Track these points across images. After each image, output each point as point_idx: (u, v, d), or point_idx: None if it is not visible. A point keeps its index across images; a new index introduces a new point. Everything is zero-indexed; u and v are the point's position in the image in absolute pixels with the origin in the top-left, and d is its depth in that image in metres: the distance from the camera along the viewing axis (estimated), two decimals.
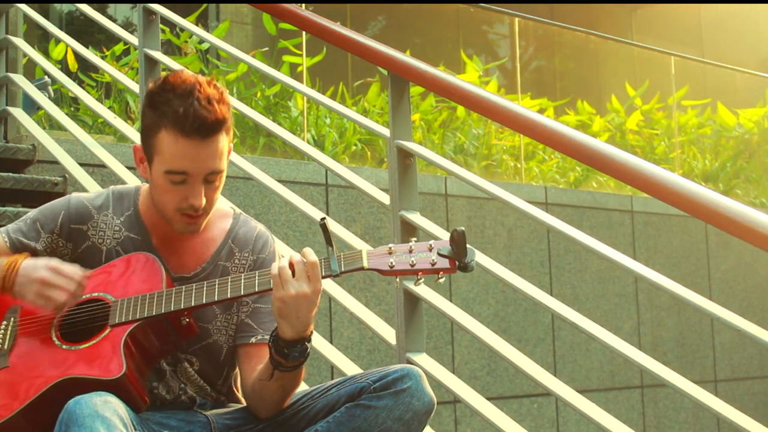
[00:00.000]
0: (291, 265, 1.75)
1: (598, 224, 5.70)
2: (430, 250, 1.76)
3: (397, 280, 1.85)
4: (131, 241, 1.95)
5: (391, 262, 1.76)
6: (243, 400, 2.01)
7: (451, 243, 1.74)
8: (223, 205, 2.07)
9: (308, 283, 1.74)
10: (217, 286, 1.82)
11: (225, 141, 1.86)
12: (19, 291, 1.84)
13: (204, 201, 1.86)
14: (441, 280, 1.77)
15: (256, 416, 1.92)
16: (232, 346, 1.98)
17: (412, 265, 1.75)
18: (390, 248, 1.78)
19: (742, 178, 7.70)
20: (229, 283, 1.82)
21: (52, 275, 1.83)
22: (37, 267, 1.84)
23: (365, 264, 1.77)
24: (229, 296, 1.81)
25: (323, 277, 1.77)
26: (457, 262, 1.74)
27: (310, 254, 1.76)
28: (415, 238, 1.83)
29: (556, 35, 8.97)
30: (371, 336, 4.44)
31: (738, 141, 8.03)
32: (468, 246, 1.74)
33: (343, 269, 1.77)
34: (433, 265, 1.75)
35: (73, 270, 1.85)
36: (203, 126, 1.81)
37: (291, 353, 1.78)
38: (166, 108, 1.81)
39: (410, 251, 1.77)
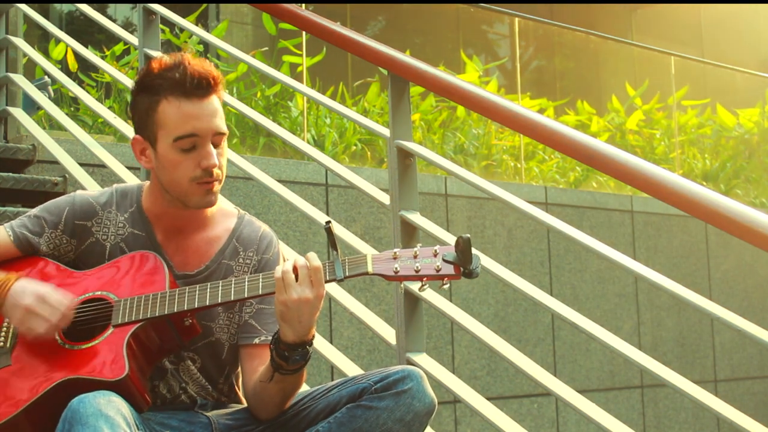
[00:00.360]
0: (294, 269, 1.75)
1: (598, 224, 5.70)
2: (435, 256, 1.75)
3: (401, 285, 1.84)
4: (135, 237, 1.95)
5: (396, 268, 1.76)
6: (244, 401, 2.01)
7: (457, 249, 1.73)
8: (227, 205, 2.07)
9: (311, 288, 1.74)
10: (220, 288, 1.82)
11: (220, 104, 1.91)
12: (6, 312, 1.84)
13: (217, 161, 1.87)
14: (445, 286, 1.77)
15: (256, 417, 1.92)
16: (234, 344, 1.98)
17: (417, 271, 1.75)
18: (395, 253, 1.77)
19: (742, 178, 7.70)
20: (233, 286, 1.82)
21: (37, 304, 1.81)
22: (25, 292, 1.83)
23: (370, 269, 1.77)
24: (232, 298, 1.81)
25: (327, 281, 1.77)
26: (462, 269, 1.73)
27: (314, 259, 1.76)
28: (420, 243, 1.82)
29: (556, 35, 8.97)
30: (371, 336, 4.44)
31: (738, 141, 8.03)
32: (474, 252, 1.74)
33: (347, 274, 1.77)
34: (437, 271, 1.74)
35: (60, 300, 1.83)
36: (202, 83, 1.85)
37: (292, 356, 1.78)
38: (160, 81, 1.86)
39: (415, 257, 1.76)
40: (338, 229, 2.86)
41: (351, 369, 2.66)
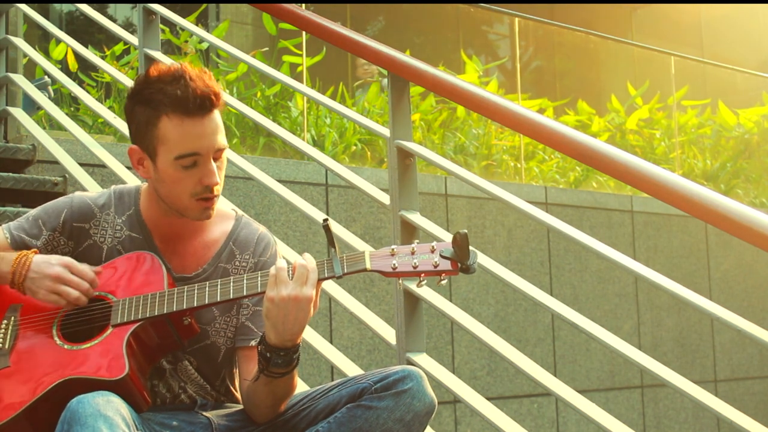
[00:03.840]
0: (292, 268, 1.75)
1: (598, 224, 5.70)
2: (433, 252, 1.76)
3: (400, 281, 1.84)
4: (133, 240, 1.95)
5: (394, 264, 1.76)
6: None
7: (454, 245, 1.74)
8: (224, 206, 2.07)
9: (302, 287, 1.73)
10: (219, 286, 1.82)
11: (219, 117, 1.89)
12: (29, 287, 1.84)
13: (219, 179, 1.87)
14: (443, 282, 1.77)
15: (252, 420, 1.91)
16: (231, 348, 1.98)
17: (415, 267, 1.75)
18: (392, 250, 1.78)
19: (742, 178, 7.70)
20: (232, 284, 1.81)
21: (65, 271, 1.83)
22: (50, 263, 1.84)
23: (368, 265, 1.77)
24: (231, 296, 1.81)
25: (326, 279, 1.77)
26: (459, 264, 1.74)
27: (310, 260, 1.77)
28: (417, 240, 1.83)
29: (556, 35, 8.97)
30: (371, 336, 4.44)
31: (738, 141, 8.03)
32: (471, 248, 1.74)
33: (345, 271, 1.77)
34: (435, 267, 1.75)
35: (86, 268, 1.86)
36: (204, 102, 1.82)
37: (273, 359, 1.77)
38: (161, 96, 1.82)
39: (412, 253, 1.76)
40: (338, 230, 2.86)
41: (351, 369, 2.66)
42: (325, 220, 1.78)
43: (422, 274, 1.76)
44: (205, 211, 1.89)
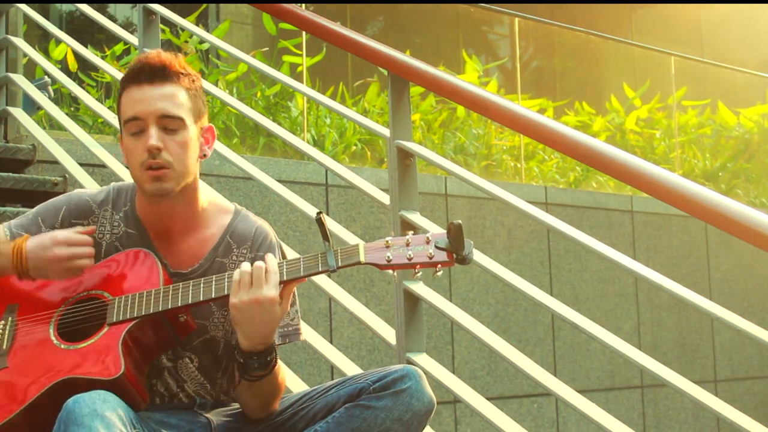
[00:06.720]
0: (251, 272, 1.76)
1: (598, 224, 5.70)
2: (428, 243, 1.74)
3: (395, 273, 1.84)
4: (129, 236, 1.95)
5: (389, 256, 1.75)
6: None
7: (449, 236, 1.73)
8: (223, 201, 2.06)
9: (260, 290, 1.73)
10: (213, 282, 1.82)
11: (183, 94, 1.89)
12: (38, 275, 1.86)
13: (159, 143, 1.83)
14: (439, 273, 1.76)
15: (248, 418, 1.91)
16: (230, 340, 1.98)
17: (410, 259, 1.74)
18: (387, 242, 1.76)
19: (742, 178, 7.70)
20: (226, 280, 1.81)
21: (65, 250, 1.84)
22: (44, 247, 1.85)
23: (362, 258, 1.75)
24: (225, 293, 1.80)
25: (320, 273, 1.77)
26: (454, 255, 1.73)
27: (271, 261, 1.77)
28: (412, 231, 1.81)
29: (556, 35, 8.96)
30: (371, 336, 4.43)
31: (738, 141, 8.03)
32: (466, 239, 1.73)
33: (340, 264, 1.76)
34: (430, 258, 1.73)
35: (74, 236, 1.87)
36: (151, 70, 1.87)
37: (249, 364, 1.78)
38: (124, 77, 1.90)
39: (407, 244, 1.75)
40: (338, 229, 2.86)
41: (351, 369, 2.66)
42: (319, 213, 1.77)
43: (417, 266, 1.74)
44: (154, 183, 1.85)
